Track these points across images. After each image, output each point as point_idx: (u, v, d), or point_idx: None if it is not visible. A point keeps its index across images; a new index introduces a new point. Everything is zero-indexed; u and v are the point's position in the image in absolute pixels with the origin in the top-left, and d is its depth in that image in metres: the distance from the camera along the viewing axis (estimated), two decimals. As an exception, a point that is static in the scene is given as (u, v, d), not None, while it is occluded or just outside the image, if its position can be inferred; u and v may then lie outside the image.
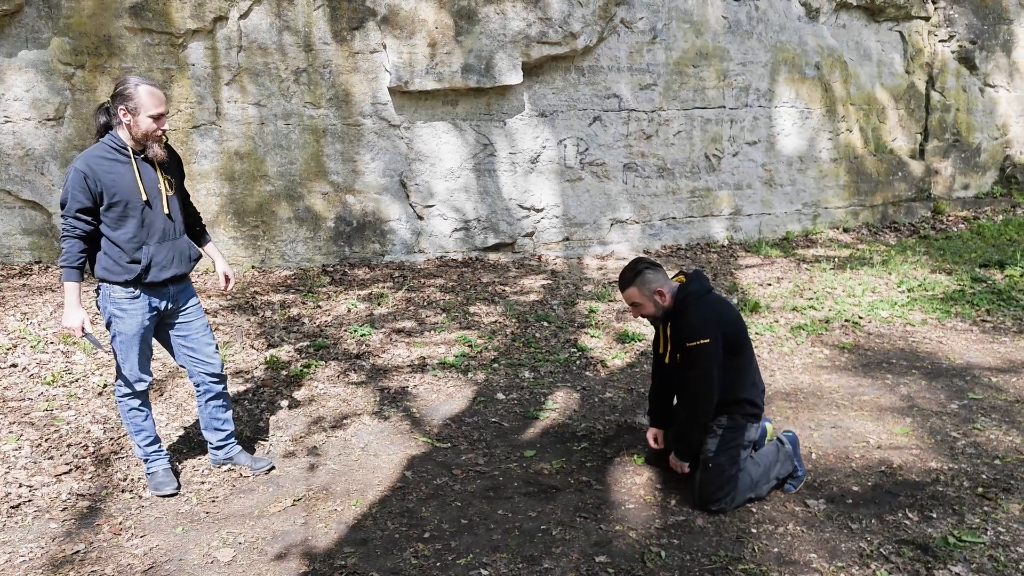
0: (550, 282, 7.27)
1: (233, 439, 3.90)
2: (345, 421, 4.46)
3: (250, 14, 6.96)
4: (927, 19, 10.46)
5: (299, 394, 4.79)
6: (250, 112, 7.12)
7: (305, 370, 5.10)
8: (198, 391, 3.76)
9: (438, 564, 3.08)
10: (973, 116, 10.96)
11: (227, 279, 3.83)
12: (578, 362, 5.47)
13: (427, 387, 4.98)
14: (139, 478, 3.77)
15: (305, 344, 5.55)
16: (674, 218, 8.78)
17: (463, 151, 7.77)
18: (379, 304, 6.42)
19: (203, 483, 3.76)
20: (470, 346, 5.63)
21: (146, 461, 3.67)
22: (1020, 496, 3.56)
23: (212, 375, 3.71)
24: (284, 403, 4.67)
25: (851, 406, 4.69)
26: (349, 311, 6.25)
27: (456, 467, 3.94)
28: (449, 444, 4.21)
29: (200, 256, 3.72)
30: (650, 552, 3.15)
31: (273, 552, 3.17)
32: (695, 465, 3.58)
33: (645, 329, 6.02)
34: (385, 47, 7.30)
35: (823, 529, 3.33)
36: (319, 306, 6.33)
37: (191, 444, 4.15)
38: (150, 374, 3.60)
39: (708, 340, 3.36)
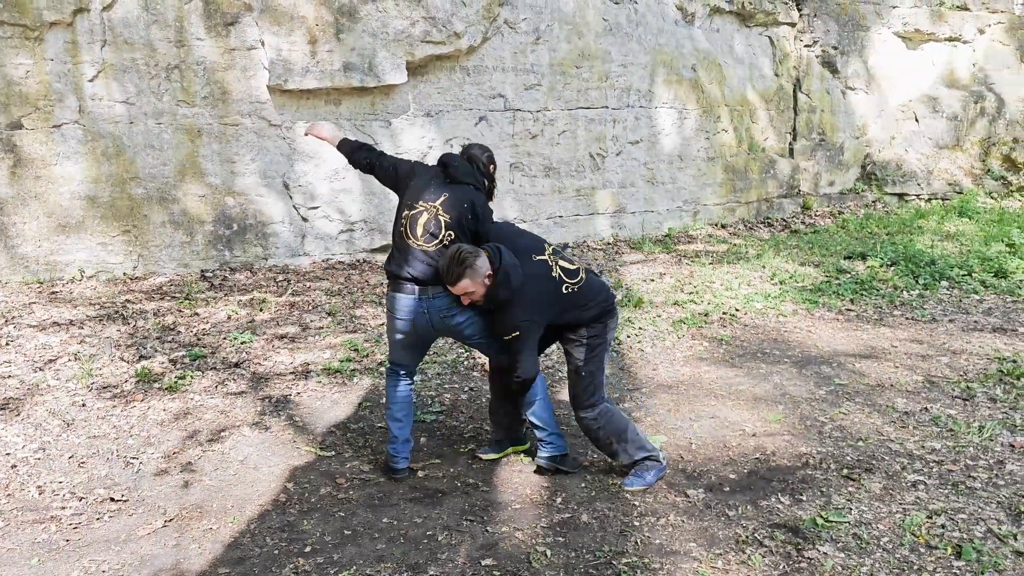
0: (439, 283, 7.21)
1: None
2: (223, 434, 4.27)
3: (115, 6, 6.56)
4: (793, 25, 11.03)
5: (173, 407, 4.55)
6: (118, 110, 6.71)
7: (180, 381, 4.85)
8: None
9: (320, 578, 2.99)
10: (836, 117, 11.65)
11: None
12: (465, 363, 5.45)
13: (311, 394, 4.84)
14: (-9, 506, 3.48)
15: (180, 354, 5.29)
16: (560, 216, 8.90)
17: (347, 151, 7.59)
18: (261, 310, 6.20)
19: (64, 508, 3.51)
20: (356, 350, 5.51)
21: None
22: (881, 475, 3.79)
23: None
24: (156, 418, 4.42)
25: (728, 396, 4.88)
26: (229, 318, 6.00)
27: (340, 476, 3.84)
28: (333, 452, 4.10)
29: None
30: (536, 552, 3.17)
31: (142, 578, 2.99)
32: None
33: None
34: (263, 43, 7.05)
35: (702, 518, 3.44)
36: (196, 313, 6.05)
37: (52, 466, 3.86)
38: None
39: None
